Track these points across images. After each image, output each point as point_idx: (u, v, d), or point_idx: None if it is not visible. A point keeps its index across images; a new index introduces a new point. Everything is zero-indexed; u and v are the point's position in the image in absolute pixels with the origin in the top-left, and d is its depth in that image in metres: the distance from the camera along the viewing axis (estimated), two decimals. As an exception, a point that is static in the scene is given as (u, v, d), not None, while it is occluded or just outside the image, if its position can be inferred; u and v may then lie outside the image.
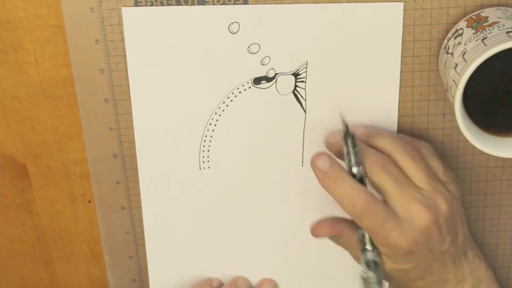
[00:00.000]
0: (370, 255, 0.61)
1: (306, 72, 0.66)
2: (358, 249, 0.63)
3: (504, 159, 0.70)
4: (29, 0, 0.64)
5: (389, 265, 0.62)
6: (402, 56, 0.65)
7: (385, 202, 0.61)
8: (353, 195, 0.60)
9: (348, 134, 0.62)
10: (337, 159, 0.63)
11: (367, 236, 0.61)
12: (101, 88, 0.67)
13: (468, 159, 0.69)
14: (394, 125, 0.68)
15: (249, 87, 0.67)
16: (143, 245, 0.73)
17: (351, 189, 0.60)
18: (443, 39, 0.64)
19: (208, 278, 0.74)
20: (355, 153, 0.61)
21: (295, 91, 0.67)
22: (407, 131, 0.68)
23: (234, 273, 0.74)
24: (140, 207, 0.72)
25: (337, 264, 0.74)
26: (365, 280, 0.62)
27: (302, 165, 0.70)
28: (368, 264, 0.61)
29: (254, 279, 0.75)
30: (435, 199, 0.61)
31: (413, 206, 0.60)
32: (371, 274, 0.61)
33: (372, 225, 0.60)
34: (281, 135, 0.68)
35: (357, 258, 0.65)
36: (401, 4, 0.63)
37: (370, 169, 0.62)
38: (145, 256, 0.74)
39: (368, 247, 0.62)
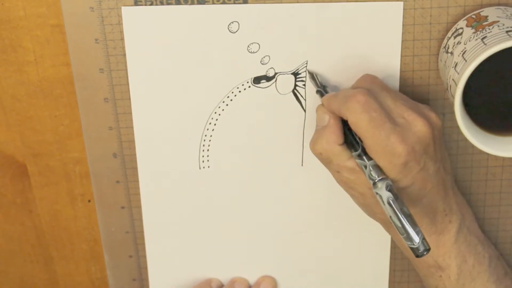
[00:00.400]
0: (382, 185, 0.58)
1: (305, 71, 0.66)
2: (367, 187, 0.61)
3: (504, 158, 0.70)
4: (29, 0, 0.64)
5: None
6: (402, 56, 0.65)
7: None
8: (354, 92, 0.60)
9: (320, 87, 0.65)
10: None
11: (369, 167, 0.59)
12: (101, 88, 0.67)
13: (468, 158, 0.69)
14: (394, 125, 0.68)
15: (249, 87, 0.67)
16: (143, 244, 0.73)
17: (351, 91, 0.60)
18: (443, 39, 0.64)
19: (208, 279, 0.74)
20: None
21: (295, 91, 0.67)
22: (407, 131, 0.68)
23: (234, 273, 0.74)
24: (140, 207, 0.72)
25: (337, 264, 0.74)
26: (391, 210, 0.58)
27: (302, 165, 0.70)
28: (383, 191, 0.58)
29: (253, 279, 0.75)
30: (425, 112, 0.61)
31: (410, 114, 0.60)
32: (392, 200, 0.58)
33: (371, 124, 0.58)
34: (281, 135, 0.68)
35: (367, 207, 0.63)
36: (400, 4, 0.63)
37: (359, 85, 0.62)
38: (145, 256, 0.74)
39: (377, 175, 0.59)
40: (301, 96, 0.67)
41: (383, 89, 0.61)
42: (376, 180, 0.58)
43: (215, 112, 0.67)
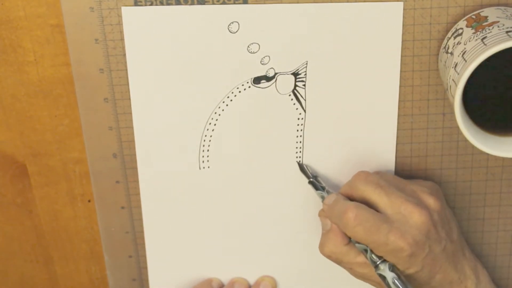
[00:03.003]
0: (384, 268, 0.62)
1: (305, 71, 0.66)
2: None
3: (503, 158, 0.70)
4: (28, 0, 0.64)
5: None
6: (402, 56, 0.65)
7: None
8: (344, 207, 0.63)
9: (312, 178, 0.68)
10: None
11: (369, 251, 0.62)
12: (101, 88, 0.67)
13: (468, 158, 0.69)
14: (394, 125, 0.68)
15: (249, 87, 0.67)
16: (143, 244, 0.73)
17: (343, 204, 0.63)
18: (443, 39, 0.64)
19: (208, 279, 0.74)
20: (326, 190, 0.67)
21: (295, 91, 0.67)
22: (406, 131, 0.68)
23: (234, 273, 0.74)
24: (139, 207, 0.72)
25: (336, 264, 0.74)
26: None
27: (302, 165, 0.70)
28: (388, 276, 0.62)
29: (253, 279, 0.75)
30: (421, 198, 0.63)
31: (404, 206, 0.62)
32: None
33: (368, 233, 0.61)
34: (281, 135, 0.68)
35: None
36: (400, 4, 0.63)
37: (354, 185, 0.65)
38: (144, 256, 0.74)
39: (377, 259, 0.62)
40: (301, 96, 0.67)
41: (377, 187, 0.63)
42: (378, 263, 0.62)
43: (215, 112, 0.67)
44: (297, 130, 0.68)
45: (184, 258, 0.74)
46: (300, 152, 0.69)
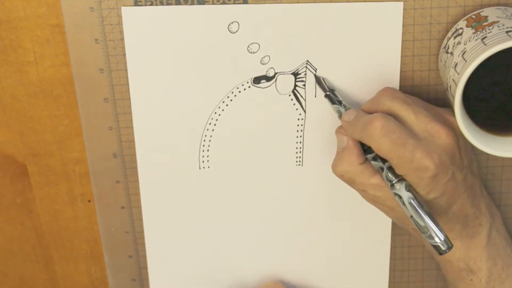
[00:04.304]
0: (399, 187, 0.59)
1: (305, 71, 0.66)
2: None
3: (504, 158, 0.70)
4: (28, 0, 0.64)
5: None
6: (402, 56, 0.65)
7: None
8: (370, 118, 0.59)
9: (328, 91, 0.65)
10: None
11: (385, 169, 0.60)
12: (101, 88, 0.67)
13: (468, 158, 0.69)
14: (394, 125, 0.68)
15: (249, 87, 0.67)
16: (143, 244, 0.73)
17: (368, 117, 0.60)
18: (443, 39, 0.64)
19: None
20: (342, 104, 0.64)
21: (295, 91, 0.67)
22: (407, 131, 0.68)
23: (234, 272, 0.74)
24: (139, 207, 0.72)
25: (337, 264, 0.74)
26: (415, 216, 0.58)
27: (302, 165, 0.70)
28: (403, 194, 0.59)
29: (254, 278, 0.75)
30: (448, 120, 0.61)
31: (431, 125, 0.59)
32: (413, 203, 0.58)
33: (394, 146, 0.58)
34: (281, 135, 0.68)
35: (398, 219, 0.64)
36: (400, 4, 0.63)
37: (379, 101, 0.62)
38: (144, 256, 0.74)
39: (393, 177, 0.59)
40: (301, 96, 0.67)
41: (404, 103, 0.61)
42: (393, 182, 0.59)
43: (215, 112, 0.67)
44: (297, 130, 0.68)
45: (184, 258, 0.74)
46: (300, 152, 0.69)
